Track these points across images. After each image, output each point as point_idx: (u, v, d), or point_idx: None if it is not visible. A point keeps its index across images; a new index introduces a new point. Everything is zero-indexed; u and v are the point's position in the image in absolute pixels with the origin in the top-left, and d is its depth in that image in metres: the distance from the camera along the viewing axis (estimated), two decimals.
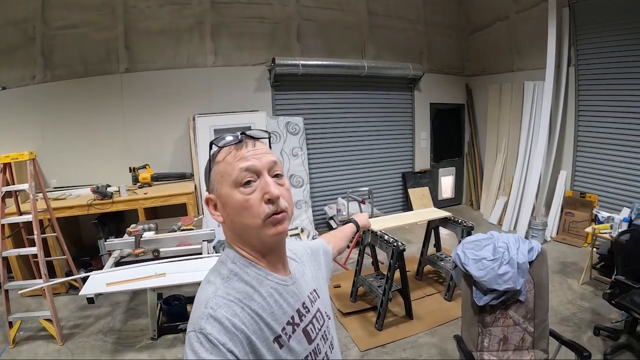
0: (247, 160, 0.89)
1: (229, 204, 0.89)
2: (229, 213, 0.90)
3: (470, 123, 8.03)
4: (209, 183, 0.94)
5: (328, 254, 1.35)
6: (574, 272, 4.76)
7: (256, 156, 0.91)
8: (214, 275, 0.92)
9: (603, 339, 3.41)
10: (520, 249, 2.54)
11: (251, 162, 0.89)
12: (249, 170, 0.88)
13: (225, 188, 0.89)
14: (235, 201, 0.88)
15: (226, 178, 0.89)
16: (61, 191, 5.08)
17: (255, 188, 0.89)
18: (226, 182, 0.89)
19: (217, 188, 0.92)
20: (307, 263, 1.17)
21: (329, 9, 6.53)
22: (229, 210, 0.90)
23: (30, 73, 5.19)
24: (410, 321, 3.88)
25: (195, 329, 0.79)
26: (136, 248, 3.55)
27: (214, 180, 0.93)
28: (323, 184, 6.82)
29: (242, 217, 0.88)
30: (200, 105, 5.79)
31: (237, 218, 0.89)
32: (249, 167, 0.88)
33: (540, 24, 5.85)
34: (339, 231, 1.63)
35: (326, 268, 1.30)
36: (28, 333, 3.82)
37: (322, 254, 1.30)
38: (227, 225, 0.93)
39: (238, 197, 0.88)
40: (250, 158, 0.90)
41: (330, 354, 1.03)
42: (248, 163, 0.89)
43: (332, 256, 1.40)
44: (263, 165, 0.90)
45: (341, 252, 1.57)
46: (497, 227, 6.65)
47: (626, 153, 5.34)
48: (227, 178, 0.89)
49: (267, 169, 0.91)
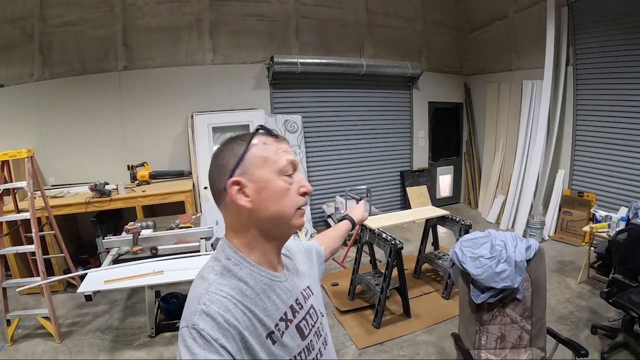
0: (290, 154, 0.96)
1: (269, 189, 0.91)
2: (266, 198, 0.91)
3: (468, 122, 8.04)
4: (238, 167, 0.91)
5: (320, 255, 1.36)
6: (572, 270, 4.77)
7: (293, 153, 0.99)
8: (207, 271, 0.92)
9: (600, 337, 3.42)
10: (518, 247, 2.54)
11: (294, 157, 0.97)
12: (292, 164, 0.96)
13: (267, 173, 0.91)
14: (278, 187, 0.92)
15: (270, 164, 0.92)
16: (59, 189, 5.07)
17: (293, 180, 0.95)
18: (269, 167, 0.92)
19: (254, 172, 0.90)
20: (301, 261, 1.17)
21: (327, 6, 6.53)
22: (266, 196, 0.91)
23: (29, 71, 5.18)
24: (408, 319, 3.89)
25: (188, 324, 0.80)
26: (134, 246, 3.55)
27: (251, 164, 0.91)
28: (321, 182, 6.82)
29: (279, 204, 0.92)
30: (198, 103, 5.78)
31: (273, 204, 0.91)
32: (293, 161, 0.96)
33: (539, 24, 5.86)
34: (333, 230, 1.61)
35: (318, 268, 1.31)
36: (26, 331, 3.82)
37: (315, 255, 1.31)
38: (256, 212, 0.91)
39: (282, 184, 0.92)
40: (292, 153, 0.97)
41: (323, 350, 1.04)
42: (292, 157, 0.96)
43: (325, 257, 1.41)
44: (298, 163, 0.99)
45: (335, 252, 1.56)
46: (495, 225, 6.67)
47: (624, 152, 5.35)
48: (271, 164, 0.92)
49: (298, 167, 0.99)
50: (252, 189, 0.90)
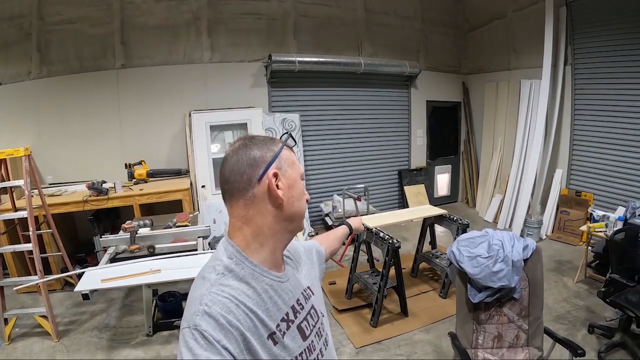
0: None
1: (296, 188, 1.00)
2: (293, 195, 0.99)
3: (466, 121, 8.05)
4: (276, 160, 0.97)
5: (321, 255, 1.39)
6: (569, 270, 4.78)
7: None
8: (209, 271, 0.92)
9: (597, 337, 3.43)
10: (515, 247, 2.54)
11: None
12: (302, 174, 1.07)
13: (295, 174, 1.01)
14: (300, 188, 1.02)
15: (296, 167, 1.02)
16: (57, 187, 5.05)
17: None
18: (296, 170, 1.02)
19: (287, 169, 0.99)
20: (302, 261, 1.18)
21: (325, 5, 6.52)
22: (294, 193, 0.99)
23: (26, 69, 5.16)
24: (405, 318, 3.89)
25: (189, 325, 0.80)
26: (131, 244, 3.54)
27: (284, 162, 0.99)
28: (319, 181, 6.82)
29: (299, 204, 1.01)
30: (196, 102, 5.77)
31: (297, 202, 1.00)
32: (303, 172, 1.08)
33: (538, 23, 5.87)
34: (332, 233, 1.68)
35: (319, 267, 1.33)
36: (23, 330, 3.81)
37: (315, 254, 1.34)
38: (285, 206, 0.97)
39: (302, 186, 1.04)
40: None
41: (324, 350, 1.04)
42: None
43: (325, 257, 1.44)
44: None
45: (334, 253, 1.62)
46: (492, 224, 6.68)
47: (622, 152, 5.36)
48: (297, 168, 1.02)
49: None
50: (285, 183, 0.96)
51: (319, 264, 1.33)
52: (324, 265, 1.39)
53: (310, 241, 1.41)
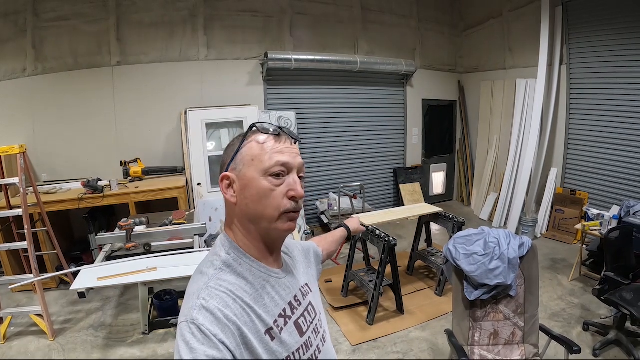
0: (284, 155, 0.93)
1: (251, 189, 0.91)
2: (247, 197, 0.92)
3: (462, 119, 8.07)
4: (232, 162, 0.94)
5: (318, 256, 1.37)
6: (564, 268, 4.81)
7: (292, 154, 0.95)
8: (207, 266, 0.93)
9: (592, 334, 3.45)
10: (511, 245, 2.56)
11: (287, 159, 0.93)
12: (284, 166, 0.92)
13: (252, 172, 0.91)
14: (259, 187, 0.91)
15: (257, 163, 0.91)
16: (52, 185, 5.02)
17: (282, 182, 0.92)
18: (255, 167, 0.91)
19: (241, 169, 0.93)
20: (299, 259, 1.19)
21: (322, 3, 6.51)
22: (248, 195, 0.91)
23: (21, 65, 5.11)
24: (401, 316, 3.91)
25: (187, 319, 0.80)
26: (127, 242, 3.52)
27: (240, 161, 0.93)
28: (315, 179, 6.82)
29: (260, 204, 0.91)
30: (192, 99, 5.75)
31: (254, 204, 0.91)
32: (285, 162, 0.93)
33: (533, 22, 5.90)
34: (330, 235, 1.65)
35: (316, 268, 1.32)
36: (19, 329, 3.79)
37: (313, 254, 1.32)
38: (239, 208, 0.94)
39: (264, 184, 0.91)
40: (287, 154, 0.94)
41: (322, 347, 1.04)
42: (285, 158, 0.93)
43: (322, 258, 1.42)
44: (295, 165, 0.95)
45: (331, 255, 1.60)
46: (487, 223, 6.71)
47: (616, 151, 5.39)
48: (258, 164, 0.91)
49: (297, 169, 0.96)
50: (238, 185, 0.93)
51: (315, 264, 1.32)
52: (320, 267, 1.37)
53: (308, 242, 1.41)
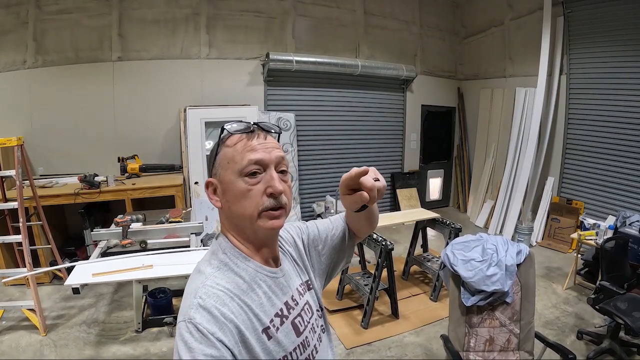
0: (257, 152, 0.90)
1: (230, 191, 0.91)
2: (228, 200, 0.92)
3: (460, 126, 8.09)
4: (213, 167, 0.95)
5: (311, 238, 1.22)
6: (559, 277, 4.82)
7: (267, 149, 0.91)
8: (205, 265, 0.93)
9: (586, 343, 3.46)
10: (509, 251, 2.57)
11: (260, 155, 0.90)
12: (258, 163, 0.89)
13: (229, 175, 0.90)
14: (236, 189, 0.89)
15: (232, 165, 0.90)
16: (48, 179, 4.99)
17: (259, 180, 0.90)
18: (231, 169, 0.90)
19: (220, 173, 0.92)
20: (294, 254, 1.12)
21: (325, 5, 6.52)
22: (229, 197, 0.91)
23: (21, 57, 5.09)
24: (396, 320, 3.90)
25: (185, 318, 0.80)
26: (123, 239, 3.50)
27: (218, 165, 0.93)
28: (312, 181, 6.81)
29: (240, 205, 0.90)
30: (191, 97, 5.73)
31: (234, 206, 0.91)
32: (258, 159, 0.89)
33: (534, 32, 5.93)
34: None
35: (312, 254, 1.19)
36: (10, 323, 3.75)
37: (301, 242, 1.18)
38: (225, 212, 0.95)
39: (241, 185, 0.89)
40: (260, 150, 0.90)
41: (319, 346, 1.04)
42: (258, 156, 0.89)
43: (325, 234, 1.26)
44: (271, 160, 0.91)
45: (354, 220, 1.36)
46: (483, 230, 6.71)
47: (613, 162, 5.42)
48: (232, 165, 0.90)
49: (275, 163, 0.92)
50: (220, 189, 0.93)
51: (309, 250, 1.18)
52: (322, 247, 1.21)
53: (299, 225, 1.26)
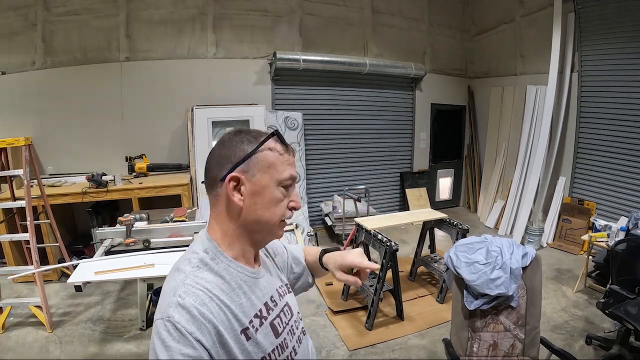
0: (293, 169, 0.97)
1: (263, 196, 0.92)
2: (257, 202, 0.92)
3: (470, 125, 8.00)
4: (244, 164, 0.91)
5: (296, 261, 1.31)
6: (569, 279, 4.73)
7: (295, 168, 1.00)
8: (184, 263, 0.92)
9: (595, 348, 3.38)
10: (514, 254, 2.51)
11: (295, 173, 0.98)
12: (292, 178, 0.96)
13: (267, 180, 0.92)
14: (272, 196, 0.93)
15: (273, 172, 0.93)
16: (57, 178, 5.05)
17: (289, 193, 0.97)
18: (271, 175, 0.93)
19: (255, 174, 0.91)
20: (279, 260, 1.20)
21: (332, 4, 6.48)
22: (259, 200, 0.92)
23: (30, 59, 5.15)
24: (401, 322, 3.86)
25: (163, 317, 0.79)
26: (127, 238, 3.52)
27: (255, 165, 0.92)
28: (320, 181, 6.79)
29: (269, 211, 0.93)
30: (199, 97, 5.74)
31: (262, 210, 0.92)
32: (294, 176, 0.97)
33: (546, 28, 5.83)
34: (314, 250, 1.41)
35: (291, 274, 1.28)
36: (18, 319, 3.81)
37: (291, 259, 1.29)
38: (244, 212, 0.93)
39: (277, 194, 0.94)
40: (294, 168, 0.99)
41: (298, 348, 1.04)
42: (294, 172, 0.97)
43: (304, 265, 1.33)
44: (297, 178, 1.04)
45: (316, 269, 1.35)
46: (493, 230, 6.63)
47: (627, 162, 5.30)
48: (274, 173, 0.93)
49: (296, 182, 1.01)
50: (248, 189, 0.91)
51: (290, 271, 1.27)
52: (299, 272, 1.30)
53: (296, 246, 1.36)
